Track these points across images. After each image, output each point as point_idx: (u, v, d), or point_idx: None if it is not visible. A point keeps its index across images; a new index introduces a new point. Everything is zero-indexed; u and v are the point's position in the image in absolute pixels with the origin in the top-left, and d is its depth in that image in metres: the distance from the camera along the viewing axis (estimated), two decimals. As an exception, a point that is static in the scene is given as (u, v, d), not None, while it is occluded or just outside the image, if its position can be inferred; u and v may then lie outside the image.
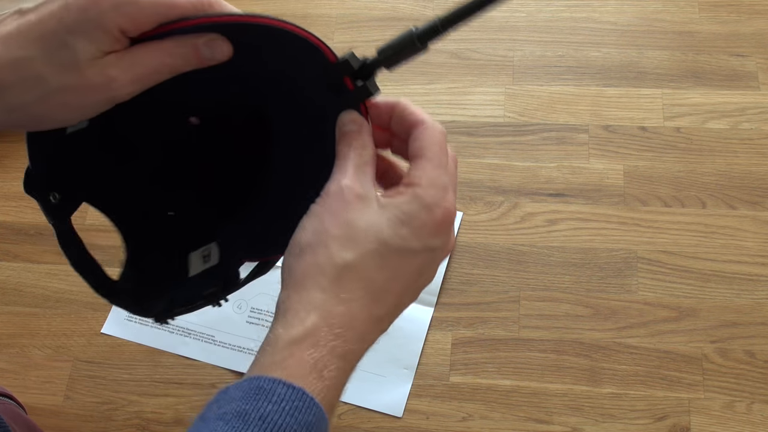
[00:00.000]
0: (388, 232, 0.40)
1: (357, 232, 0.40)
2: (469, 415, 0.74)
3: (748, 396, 0.72)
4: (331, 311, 0.39)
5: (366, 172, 0.42)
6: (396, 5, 0.98)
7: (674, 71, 0.90)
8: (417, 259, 0.41)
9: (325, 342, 0.38)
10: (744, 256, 0.79)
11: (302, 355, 0.38)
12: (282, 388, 0.36)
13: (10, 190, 0.90)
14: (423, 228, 0.41)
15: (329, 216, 0.40)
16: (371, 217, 0.40)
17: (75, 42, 0.37)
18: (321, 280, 0.39)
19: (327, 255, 0.40)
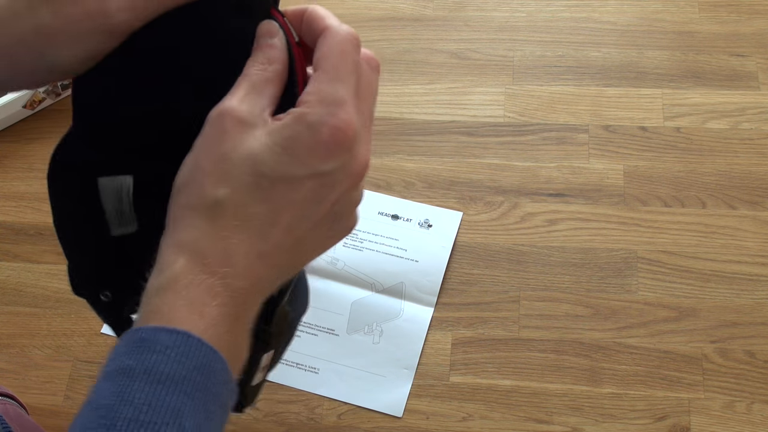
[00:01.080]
0: (267, 161, 0.36)
1: (232, 165, 0.36)
2: (469, 415, 0.74)
3: (748, 396, 0.73)
4: (202, 250, 0.36)
5: (263, 92, 0.38)
6: (396, 5, 0.98)
7: (674, 71, 0.90)
8: (304, 186, 0.37)
9: (199, 281, 0.35)
10: (744, 256, 0.79)
11: (175, 298, 0.35)
12: (164, 335, 0.34)
13: (10, 190, 0.90)
14: (307, 151, 0.36)
15: (204, 149, 0.37)
16: (250, 145, 0.36)
17: None
18: (193, 219, 0.37)
19: (199, 193, 0.36)
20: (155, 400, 0.33)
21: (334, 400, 0.75)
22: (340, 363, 0.76)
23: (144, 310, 0.36)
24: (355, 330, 0.78)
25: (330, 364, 0.76)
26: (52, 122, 0.93)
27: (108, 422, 0.32)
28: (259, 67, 0.38)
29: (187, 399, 0.33)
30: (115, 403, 0.33)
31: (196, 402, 0.34)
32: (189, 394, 0.34)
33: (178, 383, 0.33)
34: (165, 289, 0.36)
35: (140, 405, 0.33)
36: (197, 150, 0.38)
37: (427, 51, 0.94)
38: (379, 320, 0.78)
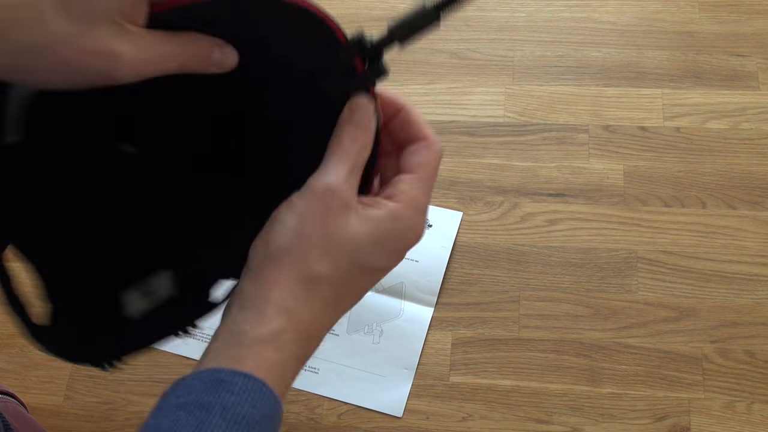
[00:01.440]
0: (364, 250, 0.40)
1: (335, 245, 0.39)
2: (469, 415, 0.74)
3: (748, 396, 0.73)
4: (299, 318, 0.39)
5: (357, 175, 0.40)
6: (396, 5, 0.98)
7: (674, 71, 0.90)
8: (377, 275, 0.42)
9: (289, 346, 0.38)
10: (744, 256, 0.79)
11: (267, 354, 0.38)
12: (242, 379, 0.36)
13: (10, 190, 0.90)
14: (395, 249, 0.41)
15: (312, 220, 0.39)
16: (351, 229, 0.39)
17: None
18: (294, 285, 0.39)
19: (304, 263, 0.39)
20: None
21: (334, 400, 0.75)
22: (340, 363, 0.76)
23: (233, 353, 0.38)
24: (355, 330, 0.78)
25: (330, 364, 0.76)
26: (52, 122, 0.93)
27: None
28: (358, 150, 0.40)
29: None
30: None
31: None
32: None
33: (250, 426, 0.36)
34: (261, 343, 0.38)
35: None
36: (304, 217, 0.39)
37: (427, 51, 0.94)
38: (379, 320, 0.78)
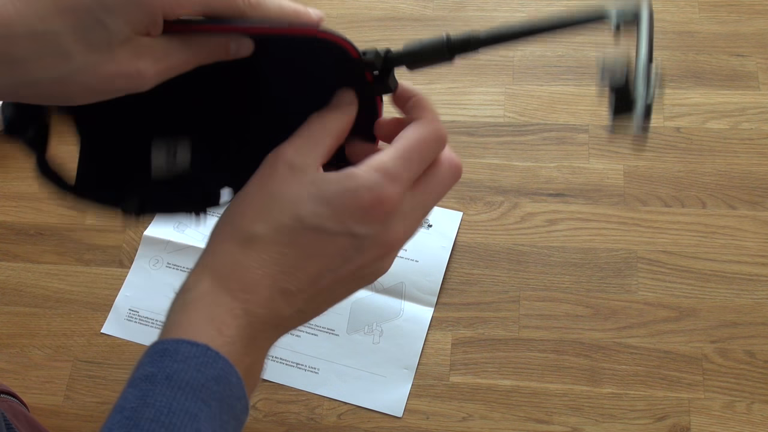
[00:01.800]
0: (307, 208, 0.38)
1: (274, 205, 0.39)
2: (469, 415, 0.74)
3: (748, 396, 0.73)
4: (228, 275, 0.38)
5: (317, 143, 0.40)
6: (396, 5, 0.98)
7: (674, 71, 0.90)
8: (335, 242, 0.39)
9: (221, 302, 0.38)
10: (744, 256, 0.79)
11: (197, 315, 0.38)
12: (185, 346, 0.36)
13: (10, 190, 0.90)
14: (345, 210, 0.38)
15: (253, 187, 0.40)
16: (295, 189, 0.39)
17: (112, 22, 0.35)
18: (225, 246, 0.39)
19: (240, 224, 0.39)
20: (175, 403, 0.35)
21: (334, 400, 0.75)
22: (340, 363, 0.76)
23: (166, 324, 0.39)
24: (355, 330, 0.78)
25: (330, 364, 0.76)
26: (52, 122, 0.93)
27: (131, 422, 0.35)
28: (321, 122, 0.41)
29: (204, 406, 0.35)
30: (138, 405, 0.35)
31: (212, 410, 0.36)
32: (206, 401, 0.36)
33: (196, 390, 0.35)
34: (188, 305, 0.39)
35: (161, 407, 0.35)
36: (247, 187, 0.40)
37: (427, 51, 0.94)
38: (379, 320, 0.78)
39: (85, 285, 0.83)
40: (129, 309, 0.82)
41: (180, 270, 0.83)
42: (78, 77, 0.36)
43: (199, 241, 0.84)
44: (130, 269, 0.84)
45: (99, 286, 0.83)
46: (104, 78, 0.36)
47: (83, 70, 0.36)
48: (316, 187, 0.39)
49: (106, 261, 0.85)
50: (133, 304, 0.82)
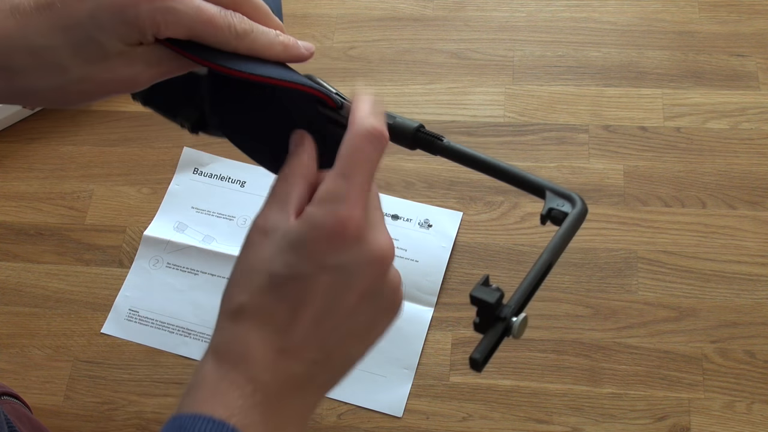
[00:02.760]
0: (277, 263, 0.38)
1: (252, 273, 0.39)
2: (469, 415, 0.74)
3: (748, 396, 0.72)
4: (224, 349, 0.38)
5: (282, 200, 0.40)
6: (396, 5, 0.98)
7: (674, 71, 0.90)
8: (318, 282, 0.38)
9: (222, 377, 0.38)
10: (744, 256, 0.79)
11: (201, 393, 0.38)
12: (202, 423, 0.36)
13: (10, 190, 0.90)
14: (313, 249, 0.38)
15: (237, 263, 0.40)
16: (267, 251, 0.38)
17: (105, 39, 0.37)
18: (222, 323, 0.39)
19: (228, 299, 0.39)
20: None
21: (334, 400, 0.75)
22: (340, 363, 0.76)
23: (176, 410, 0.38)
24: (355, 330, 0.78)
25: (330, 364, 0.76)
26: (52, 122, 0.93)
27: None
28: (281, 175, 0.41)
29: None
30: None
31: None
32: None
33: None
34: (193, 387, 0.38)
35: None
36: (234, 264, 0.41)
37: (427, 51, 0.94)
38: (379, 320, 0.78)
39: (85, 285, 0.84)
40: (129, 309, 0.82)
41: (180, 270, 0.83)
42: (74, 86, 0.38)
43: (198, 242, 0.84)
44: (130, 269, 0.84)
45: (99, 286, 0.83)
46: (99, 85, 0.38)
47: (79, 80, 0.38)
48: (284, 240, 0.38)
49: (106, 261, 0.85)
50: (133, 304, 0.82)
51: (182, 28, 0.38)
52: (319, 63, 0.94)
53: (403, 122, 0.43)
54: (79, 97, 0.39)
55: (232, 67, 0.40)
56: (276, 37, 0.41)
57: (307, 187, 0.41)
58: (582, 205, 0.42)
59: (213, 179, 0.88)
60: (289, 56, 0.42)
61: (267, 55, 0.41)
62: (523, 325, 0.41)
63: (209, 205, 0.87)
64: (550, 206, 0.42)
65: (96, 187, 0.89)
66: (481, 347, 0.39)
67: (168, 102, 0.49)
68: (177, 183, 0.88)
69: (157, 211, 0.87)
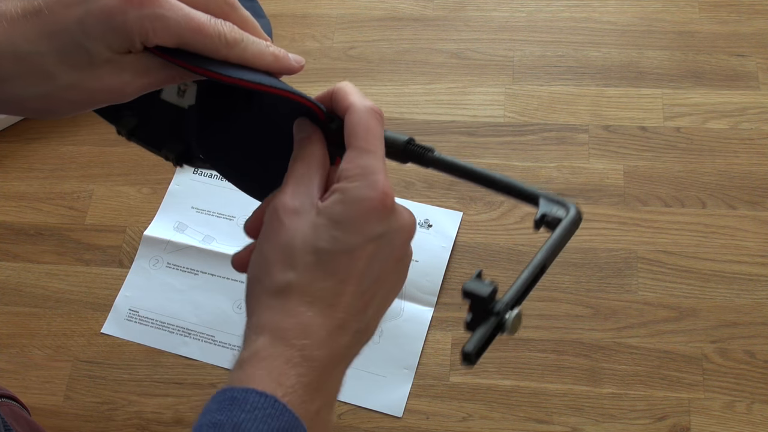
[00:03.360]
0: (323, 239, 0.39)
1: (294, 251, 0.39)
2: (469, 415, 0.74)
3: (748, 396, 0.72)
4: (280, 326, 0.39)
5: (307, 182, 0.41)
6: (396, 5, 0.98)
7: (674, 71, 0.90)
8: (364, 253, 0.40)
9: (278, 354, 0.38)
10: (744, 256, 0.79)
11: (254, 369, 0.38)
12: (254, 396, 0.36)
13: (10, 190, 0.90)
14: (356, 223, 0.39)
15: (268, 243, 0.41)
16: (305, 229, 0.40)
17: (93, 46, 0.37)
18: (268, 302, 0.40)
19: (270, 280, 0.40)
20: None
21: (334, 400, 0.75)
22: (340, 363, 0.76)
23: (227, 382, 0.39)
24: (355, 330, 0.78)
25: (330, 364, 0.76)
26: (52, 122, 0.93)
27: None
28: (301, 162, 0.42)
29: None
30: None
31: None
32: None
33: None
34: (246, 361, 0.38)
35: None
36: (261, 244, 0.41)
37: (427, 51, 0.94)
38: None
39: (85, 285, 0.84)
40: (129, 309, 0.82)
41: (180, 270, 0.83)
42: (61, 94, 0.38)
43: (198, 242, 0.84)
44: (130, 269, 0.84)
45: (99, 286, 0.83)
46: (86, 93, 0.38)
47: (66, 87, 0.38)
48: (323, 218, 0.40)
49: (106, 261, 0.85)
50: (133, 304, 0.82)
51: (171, 36, 0.38)
52: (319, 63, 0.94)
53: (393, 137, 0.44)
54: (66, 106, 0.39)
55: (223, 73, 0.40)
56: (267, 47, 0.41)
57: (324, 172, 0.42)
58: (576, 212, 0.43)
59: (213, 179, 0.88)
60: (279, 67, 0.42)
61: (258, 65, 0.41)
62: (517, 320, 0.41)
63: (209, 205, 0.87)
64: (543, 212, 0.43)
65: (96, 187, 0.89)
66: (474, 340, 0.40)
67: (152, 136, 0.50)
68: (177, 183, 0.88)
69: (157, 211, 0.87)
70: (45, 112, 0.40)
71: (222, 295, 0.81)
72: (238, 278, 0.82)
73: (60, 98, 0.38)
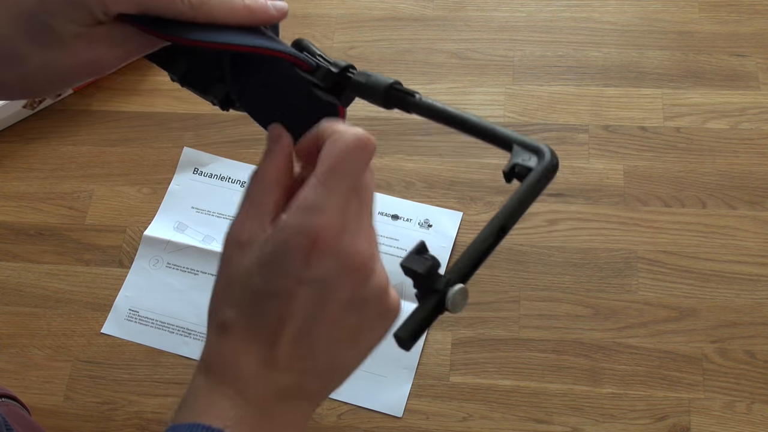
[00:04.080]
0: (256, 277, 0.37)
1: (234, 288, 0.38)
2: (469, 415, 0.74)
3: (748, 396, 0.72)
4: (213, 363, 0.38)
5: (260, 206, 0.39)
6: (396, 5, 0.98)
7: (674, 71, 0.90)
8: (298, 295, 0.37)
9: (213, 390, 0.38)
10: (744, 256, 0.79)
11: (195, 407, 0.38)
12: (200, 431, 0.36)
13: (10, 190, 0.90)
14: (288, 262, 0.36)
15: (218, 276, 0.40)
16: (245, 264, 0.38)
17: (57, 23, 0.37)
18: (210, 339, 0.39)
19: (214, 314, 0.39)
20: None
21: (334, 400, 0.75)
22: (340, 363, 0.76)
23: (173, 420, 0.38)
24: (355, 330, 0.78)
25: (330, 364, 0.76)
26: (52, 122, 0.93)
27: None
28: (254, 180, 0.40)
29: None
30: None
31: None
32: None
33: None
34: (186, 401, 0.38)
35: None
36: (216, 277, 0.40)
37: (427, 51, 0.94)
38: (379, 320, 0.78)
39: (85, 285, 0.84)
40: (129, 309, 0.82)
41: (180, 270, 0.83)
42: (37, 74, 0.38)
43: (198, 242, 0.84)
44: (130, 269, 0.84)
45: (99, 286, 0.83)
46: (63, 71, 0.38)
47: (41, 67, 0.38)
48: (260, 252, 0.37)
49: (106, 261, 0.85)
50: (133, 304, 0.82)
51: (130, 3, 0.37)
52: (319, 63, 0.94)
53: (377, 79, 0.41)
54: (45, 86, 0.39)
55: (189, 37, 0.38)
56: (240, 1, 0.39)
57: (283, 193, 0.39)
58: (550, 158, 0.37)
59: (213, 179, 0.88)
60: (255, 20, 0.40)
61: (231, 22, 0.39)
62: (460, 297, 0.37)
63: (209, 205, 0.87)
64: (515, 161, 0.38)
65: (96, 187, 0.89)
66: (408, 323, 0.37)
67: (201, 81, 0.48)
68: (177, 183, 0.88)
69: (157, 211, 0.87)
70: (26, 92, 0.40)
71: (222, 295, 0.81)
72: (238, 278, 0.82)
73: (37, 78, 0.38)
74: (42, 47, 0.37)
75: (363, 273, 0.38)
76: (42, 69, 0.38)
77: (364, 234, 0.38)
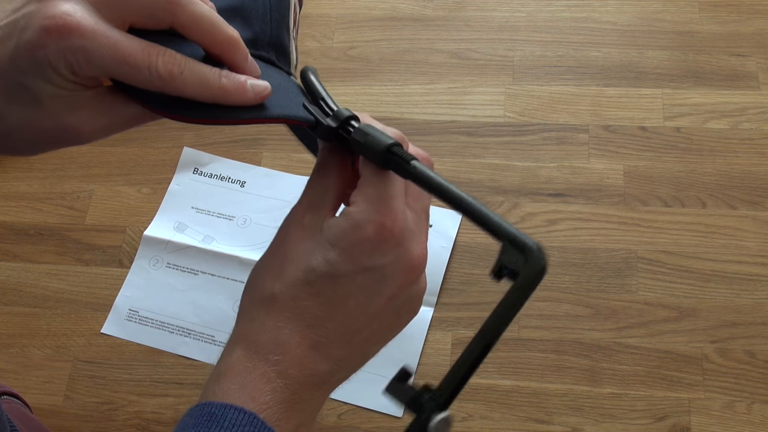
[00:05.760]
0: (317, 258, 0.38)
1: (288, 264, 0.39)
2: (469, 415, 0.74)
3: (748, 396, 0.72)
4: (256, 339, 0.38)
5: (321, 194, 0.40)
6: (396, 5, 0.98)
7: (674, 71, 0.90)
8: (355, 281, 0.38)
9: (252, 368, 0.37)
10: (744, 256, 0.79)
11: (229, 384, 0.37)
12: (232, 412, 0.36)
13: (10, 190, 0.90)
14: (353, 248, 0.38)
15: (270, 253, 0.40)
16: (307, 245, 0.39)
17: (30, 83, 0.35)
18: (251, 312, 0.39)
19: (260, 287, 0.39)
20: None
21: (334, 400, 0.75)
22: (340, 363, 0.76)
23: (202, 395, 0.38)
24: (355, 330, 0.78)
25: (330, 364, 0.76)
26: (52, 122, 0.93)
27: None
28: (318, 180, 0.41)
29: None
30: None
31: None
32: None
33: None
34: (222, 375, 0.38)
35: None
36: (265, 255, 0.41)
37: (427, 51, 0.94)
38: (379, 320, 0.78)
39: (85, 285, 0.84)
40: (129, 309, 0.82)
41: (180, 270, 0.83)
42: (15, 133, 0.37)
43: (198, 242, 0.84)
44: (130, 269, 0.84)
45: (99, 286, 0.83)
46: (44, 132, 0.37)
47: (19, 126, 0.36)
48: (323, 237, 0.39)
49: (106, 261, 0.85)
50: (133, 304, 0.82)
51: (96, 68, 0.35)
52: (319, 63, 0.94)
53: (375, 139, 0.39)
54: (24, 145, 0.38)
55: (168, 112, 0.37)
56: (216, 78, 0.37)
57: (343, 188, 0.41)
58: (538, 258, 0.36)
59: (213, 179, 0.88)
60: (229, 102, 0.37)
61: (201, 99, 0.37)
62: (442, 425, 0.36)
63: (209, 205, 0.87)
64: (502, 262, 0.37)
65: (96, 187, 0.89)
66: None
67: None
68: (177, 183, 0.88)
69: (157, 211, 0.87)
70: (9, 150, 0.39)
71: (222, 295, 0.81)
72: (238, 278, 0.82)
73: (16, 138, 0.37)
74: (19, 106, 0.36)
75: (416, 273, 0.40)
76: (20, 129, 0.36)
77: (423, 237, 0.40)
